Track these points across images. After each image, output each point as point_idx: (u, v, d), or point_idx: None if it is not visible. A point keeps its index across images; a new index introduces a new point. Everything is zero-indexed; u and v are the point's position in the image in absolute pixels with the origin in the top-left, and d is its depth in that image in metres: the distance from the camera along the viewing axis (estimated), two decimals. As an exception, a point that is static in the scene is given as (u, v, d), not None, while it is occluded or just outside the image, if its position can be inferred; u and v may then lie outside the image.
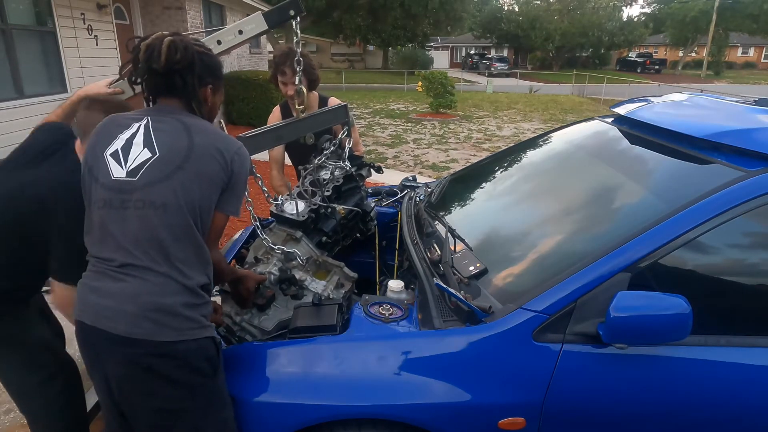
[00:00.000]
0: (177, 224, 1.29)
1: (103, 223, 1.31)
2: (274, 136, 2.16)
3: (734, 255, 1.59)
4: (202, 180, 1.32)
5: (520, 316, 1.42)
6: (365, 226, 2.39)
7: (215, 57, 1.49)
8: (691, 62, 43.59)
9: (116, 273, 1.29)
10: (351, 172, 2.31)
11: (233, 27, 1.89)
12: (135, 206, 1.29)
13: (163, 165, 1.31)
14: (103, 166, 1.34)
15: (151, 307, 1.26)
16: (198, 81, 1.40)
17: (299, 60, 2.14)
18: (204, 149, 1.34)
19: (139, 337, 1.24)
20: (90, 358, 1.34)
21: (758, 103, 2.04)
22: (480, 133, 11.07)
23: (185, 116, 1.39)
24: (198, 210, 1.32)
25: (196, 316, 1.32)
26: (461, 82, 22.29)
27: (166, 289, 1.27)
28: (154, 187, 1.29)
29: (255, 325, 1.74)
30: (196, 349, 1.30)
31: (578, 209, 1.91)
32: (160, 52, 1.32)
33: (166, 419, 1.31)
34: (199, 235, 1.34)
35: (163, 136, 1.35)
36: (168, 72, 1.35)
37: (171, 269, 1.28)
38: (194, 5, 9.98)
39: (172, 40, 1.33)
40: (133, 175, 1.31)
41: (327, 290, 1.88)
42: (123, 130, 1.37)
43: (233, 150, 1.39)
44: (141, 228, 1.28)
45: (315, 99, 2.73)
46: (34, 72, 6.24)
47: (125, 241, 1.28)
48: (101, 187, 1.33)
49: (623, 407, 1.47)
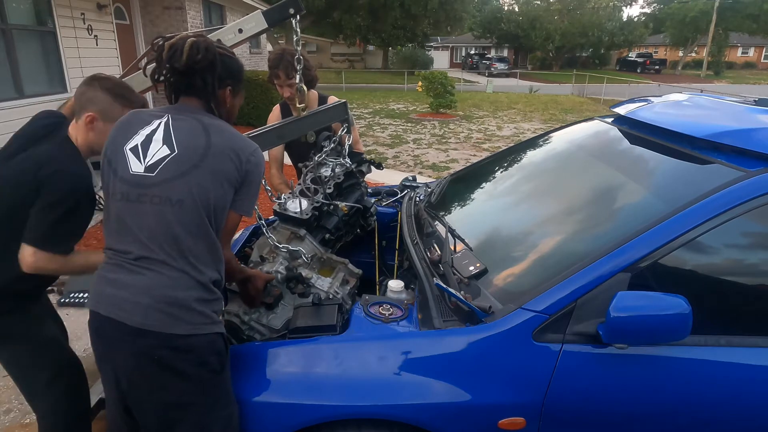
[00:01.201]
0: (192, 221, 1.32)
1: (120, 216, 1.34)
2: (276, 135, 2.16)
3: (734, 255, 1.59)
4: (217, 179, 1.35)
5: (520, 316, 1.42)
6: (365, 221, 2.40)
7: (237, 60, 1.50)
8: (691, 62, 43.60)
9: (132, 265, 1.31)
10: (351, 169, 2.31)
11: (233, 26, 1.89)
12: (152, 201, 1.31)
13: (180, 162, 1.34)
14: (123, 160, 1.36)
15: (165, 300, 1.28)
16: (218, 82, 1.43)
17: (299, 58, 2.14)
18: (220, 149, 1.36)
19: (152, 328, 1.27)
20: (101, 349, 1.36)
21: (758, 103, 2.04)
22: (480, 133, 11.07)
23: (204, 116, 1.42)
24: (213, 208, 1.34)
25: (208, 311, 1.34)
26: (461, 82, 22.30)
27: (180, 283, 1.30)
28: (171, 184, 1.32)
29: (264, 324, 1.75)
30: (207, 344, 1.33)
31: (578, 209, 1.91)
32: (183, 52, 1.35)
33: (173, 413, 1.33)
34: (213, 233, 1.36)
35: (182, 134, 1.37)
36: (189, 71, 1.38)
37: (186, 264, 1.31)
38: (194, 5, 9.98)
39: (194, 41, 1.36)
40: (151, 170, 1.34)
41: (333, 287, 1.89)
42: (144, 125, 1.40)
43: (249, 151, 1.41)
44: (157, 223, 1.31)
45: (314, 97, 2.74)
46: (34, 72, 6.24)
47: (141, 234, 1.31)
48: (119, 181, 1.35)
49: (623, 407, 1.47)
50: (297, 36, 2.03)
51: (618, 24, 37.86)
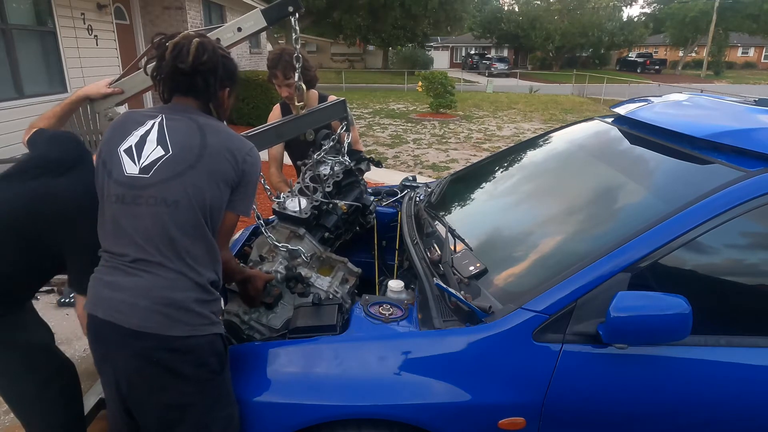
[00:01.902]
0: (188, 222, 1.31)
1: (116, 219, 1.33)
2: (275, 134, 2.16)
3: (734, 255, 1.59)
4: (213, 180, 1.34)
5: (520, 316, 1.42)
6: (365, 219, 2.40)
7: (234, 61, 1.51)
8: (691, 62, 43.60)
9: (129, 268, 1.30)
10: (350, 167, 2.31)
11: (232, 24, 1.89)
12: (147, 203, 1.30)
13: (175, 163, 1.33)
14: (117, 162, 1.35)
15: (163, 302, 1.27)
16: (219, 83, 1.43)
17: (298, 57, 2.14)
18: (216, 149, 1.36)
19: (151, 331, 1.26)
20: (100, 352, 1.35)
21: (758, 103, 2.04)
22: (480, 133, 11.07)
23: (199, 115, 1.42)
24: (209, 209, 1.34)
25: (207, 312, 1.34)
26: (461, 82, 22.29)
27: (178, 285, 1.29)
28: (167, 185, 1.31)
29: (263, 324, 1.75)
30: (206, 345, 1.32)
31: (578, 209, 1.91)
32: (189, 52, 1.34)
33: (173, 414, 1.33)
34: (210, 234, 1.36)
35: (176, 134, 1.36)
36: (193, 72, 1.37)
37: (183, 265, 1.30)
38: (194, 5, 9.98)
39: (200, 42, 1.36)
40: (146, 171, 1.32)
41: (332, 286, 1.89)
42: (137, 126, 1.39)
43: (245, 151, 1.41)
44: (153, 224, 1.30)
45: (314, 97, 2.74)
46: (34, 72, 6.25)
47: (138, 236, 1.30)
48: (114, 183, 1.34)
49: (623, 407, 1.47)
50: (296, 34, 2.03)
51: (618, 24, 37.86)
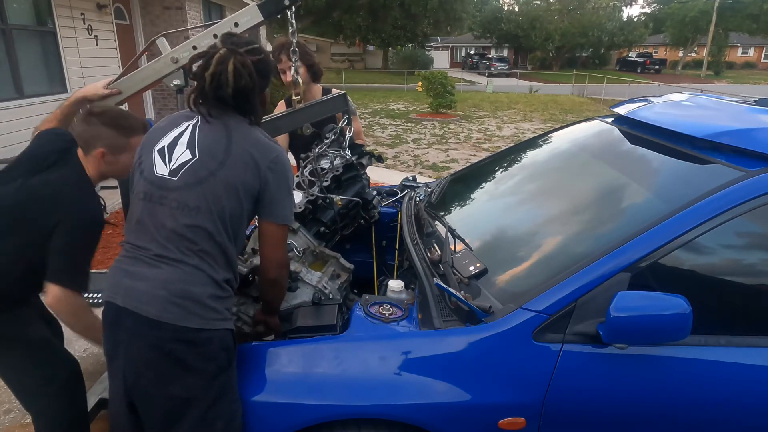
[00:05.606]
0: (207, 227, 1.36)
1: (141, 215, 1.40)
2: (272, 127, 2.15)
3: (734, 255, 1.59)
4: (231, 190, 1.37)
5: (520, 316, 1.42)
6: (368, 213, 2.36)
7: (269, 60, 1.49)
8: (691, 62, 43.58)
9: (151, 260, 1.36)
10: (351, 161, 2.29)
11: (229, 20, 1.89)
12: (170, 205, 1.36)
13: (198, 169, 1.37)
14: (150, 161, 1.42)
15: (181, 294, 1.32)
16: (259, 94, 1.44)
17: (295, 50, 2.14)
18: (238, 157, 1.38)
19: (167, 321, 1.30)
20: (113, 340, 1.37)
21: (758, 103, 2.04)
22: (480, 133, 11.07)
23: (232, 119, 1.43)
24: (228, 216, 1.38)
25: (220, 307, 1.38)
26: (461, 82, 22.28)
27: (196, 279, 1.34)
28: (190, 191, 1.36)
29: (251, 315, 1.76)
30: (217, 339, 1.36)
31: (578, 209, 1.91)
32: (227, 82, 1.34)
33: (178, 407, 1.34)
34: (227, 240, 1.39)
35: (205, 139, 1.40)
36: (234, 95, 1.38)
37: (200, 262, 1.36)
38: (194, 5, 9.97)
39: (235, 67, 1.34)
40: (174, 174, 1.38)
41: (322, 282, 1.88)
42: (173, 127, 1.44)
43: (269, 159, 1.42)
44: (175, 225, 1.35)
45: (318, 91, 2.74)
46: (34, 72, 6.24)
47: (159, 235, 1.36)
48: (144, 180, 1.41)
49: (623, 407, 1.47)
50: (292, 28, 2.03)
51: (618, 24, 37.84)
